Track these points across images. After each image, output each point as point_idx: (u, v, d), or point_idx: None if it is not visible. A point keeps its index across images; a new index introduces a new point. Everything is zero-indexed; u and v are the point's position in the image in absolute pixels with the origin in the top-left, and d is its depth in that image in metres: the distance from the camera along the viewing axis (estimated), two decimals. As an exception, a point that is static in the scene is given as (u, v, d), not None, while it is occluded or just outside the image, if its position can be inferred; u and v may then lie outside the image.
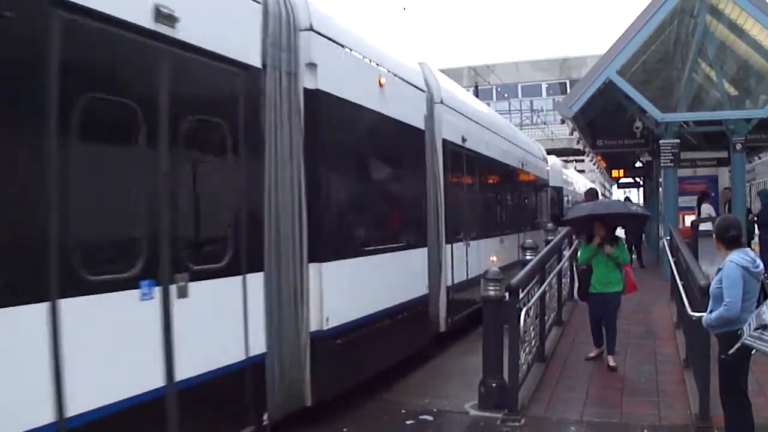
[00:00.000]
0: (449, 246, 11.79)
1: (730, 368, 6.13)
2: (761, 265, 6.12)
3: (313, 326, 7.32)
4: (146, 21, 5.21)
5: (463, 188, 13.54)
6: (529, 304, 8.74)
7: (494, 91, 50.13)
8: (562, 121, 20.55)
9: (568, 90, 38.27)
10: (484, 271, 9.01)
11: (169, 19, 5.39)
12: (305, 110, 7.23)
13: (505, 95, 49.13)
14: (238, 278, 6.31)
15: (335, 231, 8.06)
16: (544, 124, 45.66)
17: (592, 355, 10.18)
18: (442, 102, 11.93)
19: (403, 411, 8.43)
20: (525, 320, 8.25)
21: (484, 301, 8.51)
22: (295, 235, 7.09)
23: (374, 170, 9.75)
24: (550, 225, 17.51)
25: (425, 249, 10.79)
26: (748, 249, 6.33)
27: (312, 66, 7.40)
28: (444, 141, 11.85)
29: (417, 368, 10.36)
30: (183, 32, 5.55)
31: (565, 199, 32.89)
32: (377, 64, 9.34)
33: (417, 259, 10.51)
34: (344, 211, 8.44)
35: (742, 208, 17.04)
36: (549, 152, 29.83)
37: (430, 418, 8.23)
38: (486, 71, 43.81)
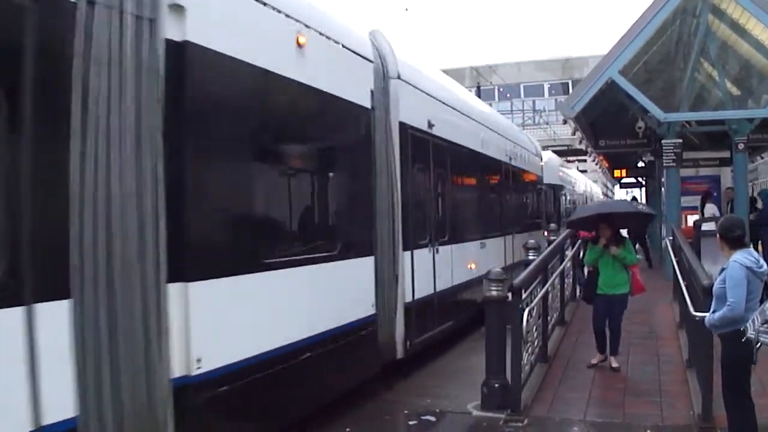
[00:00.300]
0: (409, 254, 9.85)
1: (732, 368, 6.12)
2: (765, 265, 6.11)
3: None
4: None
5: (431, 184, 11.46)
6: (532, 304, 8.73)
7: (496, 91, 50.07)
8: (565, 122, 20.51)
9: (571, 90, 38.22)
10: (466, 280, 9.05)
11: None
12: None
13: (508, 95, 49.07)
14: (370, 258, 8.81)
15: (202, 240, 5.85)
16: (547, 124, 45.61)
17: (593, 361, 9.84)
18: (399, 77, 9.79)
19: (405, 411, 8.45)
20: (528, 320, 8.23)
21: (486, 302, 8.49)
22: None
23: (282, 156, 7.48)
24: (552, 225, 17.52)
25: (371, 258, 8.78)
26: (752, 249, 6.32)
27: None
28: (403, 125, 9.74)
29: (420, 368, 10.36)
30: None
31: (563, 198, 30.79)
32: (296, 20, 7.13)
33: (357, 271, 8.46)
34: (222, 212, 6.16)
35: (745, 207, 17.01)
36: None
37: (432, 418, 8.23)
38: (488, 71, 43.75)
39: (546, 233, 20.53)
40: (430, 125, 11.06)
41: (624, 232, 10.85)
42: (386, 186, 9.16)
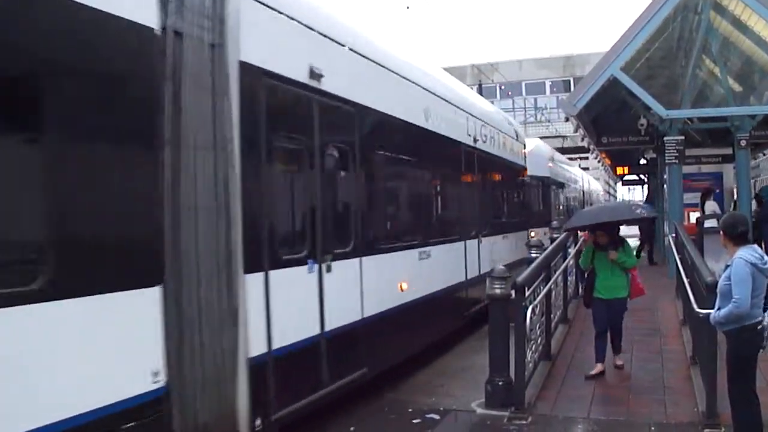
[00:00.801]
0: (258, 278, 6.27)
1: (738, 365, 6.11)
2: None
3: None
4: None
5: (317, 166, 7.52)
6: (535, 302, 8.73)
7: (498, 89, 50.05)
8: (567, 119, 20.49)
9: (572, 87, 38.28)
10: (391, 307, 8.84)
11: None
12: None
13: (509, 93, 49.02)
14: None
15: None
16: (548, 121, 45.60)
17: (592, 373, 9.27)
18: None
19: (409, 410, 8.43)
20: (531, 318, 8.24)
21: (490, 300, 8.49)
22: None
23: None
24: (554, 223, 17.47)
25: (155, 290, 5.10)
26: (756, 245, 6.31)
27: None
28: (247, 67, 6.11)
29: (423, 367, 10.35)
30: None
31: (554, 194, 26.58)
32: None
33: (114, 320, 4.79)
34: None
35: (748, 204, 17.00)
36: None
37: (436, 416, 8.21)
38: (489, 69, 43.70)
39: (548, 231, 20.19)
40: (314, 74, 7.39)
41: (623, 231, 10.35)
42: (210, 169, 5.64)
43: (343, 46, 8.29)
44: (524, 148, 19.83)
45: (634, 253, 9.89)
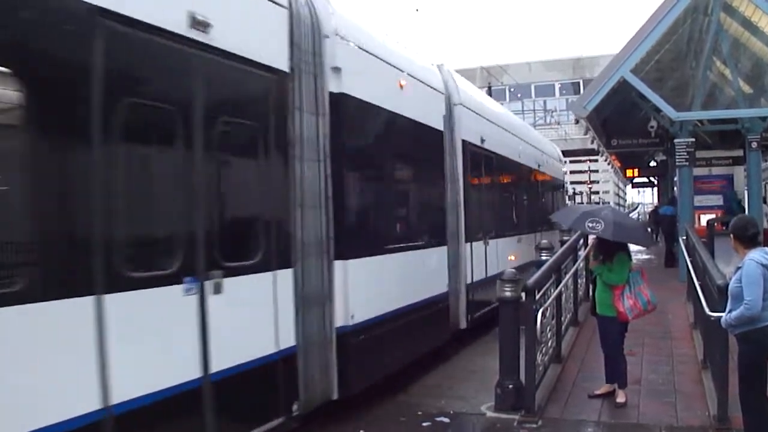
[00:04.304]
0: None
1: (749, 369, 6.08)
2: None
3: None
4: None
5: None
6: (546, 304, 8.68)
7: (507, 91, 50.04)
8: (576, 121, 20.50)
9: (582, 90, 38.22)
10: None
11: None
12: None
13: (518, 95, 49.01)
14: None
15: None
16: (558, 124, 45.56)
17: (597, 392, 8.62)
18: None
19: (419, 412, 8.43)
20: (541, 321, 8.20)
21: (500, 302, 8.47)
22: None
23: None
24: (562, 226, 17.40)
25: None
26: (767, 248, 6.26)
27: None
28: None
29: (433, 369, 10.36)
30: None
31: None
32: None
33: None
34: None
35: (759, 206, 16.93)
36: (563, 153, 29.07)
37: (446, 419, 8.22)
38: (499, 71, 43.73)
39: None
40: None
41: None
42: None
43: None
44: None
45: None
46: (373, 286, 8.64)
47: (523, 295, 8.18)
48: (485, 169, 13.71)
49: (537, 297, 8.34)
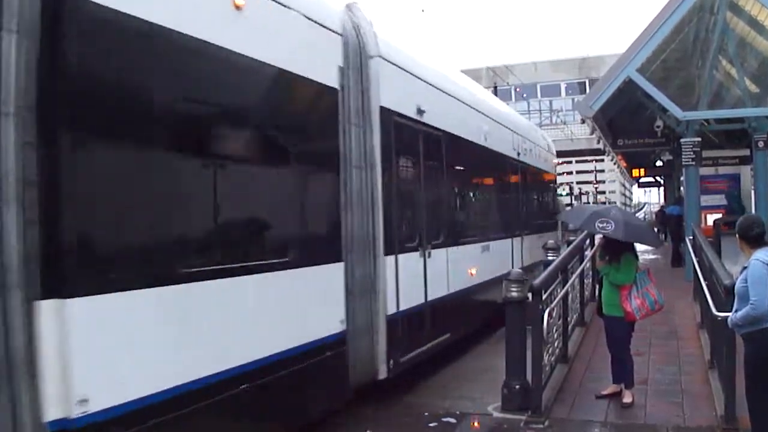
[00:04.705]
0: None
1: (756, 369, 6.06)
2: None
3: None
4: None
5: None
6: (552, 304, 8.68)
7: (513, 91, 50.01)
8: (582, 121, 20.48)
9: (587, 89, 38.17)
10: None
11: None
12: None
13: (524, 95, 48.99)
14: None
15: None
16: (564, 123, 45.51)
17: (604, 392, 8.62)
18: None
19: (425, 413, 8.41)
20: (548, 321, 8.19)
21: (506, 303, 8.47)
22: None
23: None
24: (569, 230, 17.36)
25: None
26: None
27: None
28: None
29: (439, 370, 10.35)
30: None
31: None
32: None
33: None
34: None
35: (766, 206, 16.89)
36: (569, 153, 28.98)
37: (452, 420, 8.20)
38: (505, 72, 43.77)
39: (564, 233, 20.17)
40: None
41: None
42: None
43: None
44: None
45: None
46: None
47: (529, 295, 8.17)
48: (427, 152, 10.03)
49: (543, 297, 8.33)
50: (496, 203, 14.91)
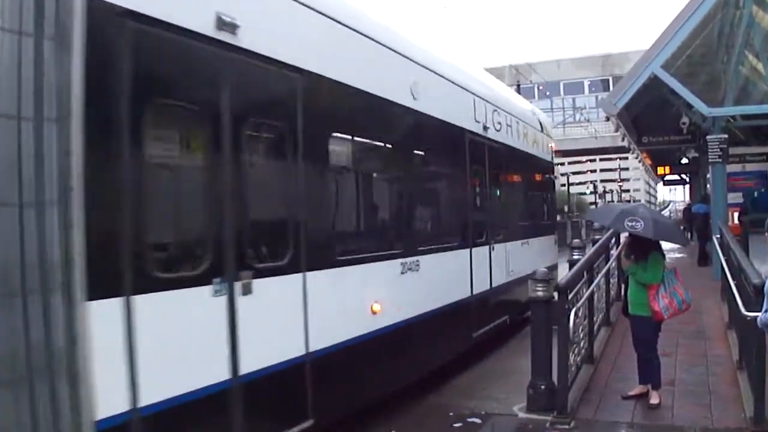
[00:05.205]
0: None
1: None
2: None
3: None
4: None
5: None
6: (578, 304, 8.58)
7: (536, 89, 49.82)
8: (607, 119, 20.35)
9: (611, 87, 37.96)
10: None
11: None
12: None
13: (547, 93, 48.77)
14: None
15: None
16: (588, 121, 45.26)
17: (631, 393, 8.50)
18: None
19: (450, 413, 8.38)
20: (574, 321, 8.11)
21: (532, 302, 8.42)
22: None
23: None
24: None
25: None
26: (804, 246, 6.14)
27: None
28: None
29: (464, 370, 10.32)
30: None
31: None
32: None
33: None
34: None
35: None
36: (593, 150, 28.77)
37: (478, 420, 8.16)
38: (528, 70, 43.55)
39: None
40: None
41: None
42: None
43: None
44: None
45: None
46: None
47: (555, 294, 8.11)
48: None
49: (569, 296, 8.27)
50: (434, 197, 10.59)
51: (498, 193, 12.83)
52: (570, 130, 45.96)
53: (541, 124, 16.13)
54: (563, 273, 10.73)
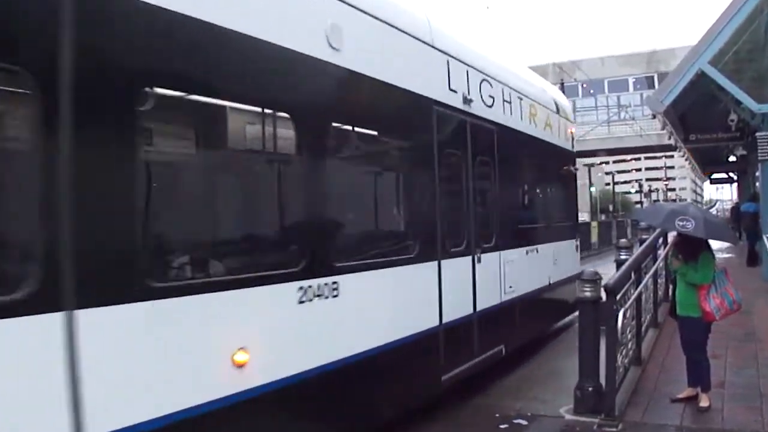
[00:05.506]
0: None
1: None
2: None
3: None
4: None
5: None
6: (627, 305, 8.49)
7: (580, 87, 49.40)
8: (653, 116, 20.09)
9: (656, 84, 37.55)
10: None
11: None
12: None
13: (591, 91, 48.34)
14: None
15: None
16: (633, 119, 44.73)
17: (680, 396, 8.34)
18: None
19: (496, 415, 8.35)
20: (622, 322, 8.03)
21: (579, 303, 8.34)
22: None
23: None
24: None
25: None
26: None
27: None
28: None
29: (511, 371, 10.27)
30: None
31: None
32: None
33: None
34: None
35: None
36: (638, 149, 28.43)
37: (524, 422, 8.12)
38: (571, 67, 43.23)
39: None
40: None
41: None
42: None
43: None
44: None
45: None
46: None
47: (603, 295, 8.03)
48: None
49: (618, 297, 8.16)
50: (368, 191, 7.96)
51: (489, 187, 10.09)
52: (614, 128, 45.46)
53: (557, 104, 13.63)
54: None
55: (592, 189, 70.31)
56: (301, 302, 5.76)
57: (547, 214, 12.89)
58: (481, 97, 9.57)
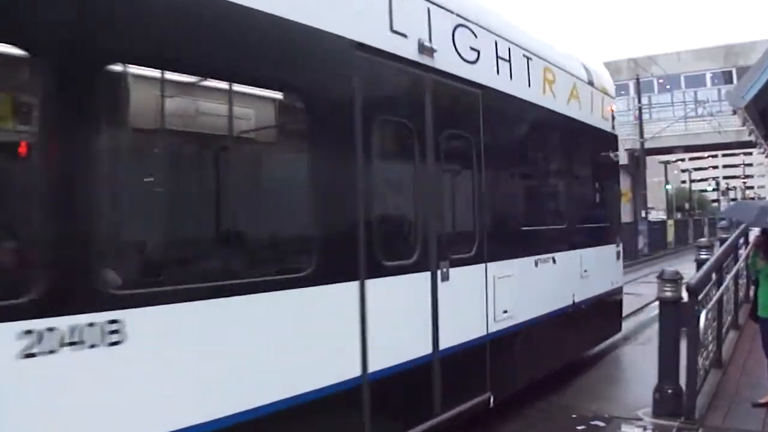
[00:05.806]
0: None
1: None
2: None
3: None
4: None
5: None
6: (708, 305, 8.30)
7: (656, 82, 48.44)
8: (733, 112, 19.58)
9: (734, 79, 36.59)
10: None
11: None
12: None
13: (667, 87, 47.36)
14: None
15: None
16: (711, 115, 43.65)
17: (762, 401, 8.00)
18: None
19: (573, 416, 8.28)
20: (704, 323, 7.84)
21: (660, 302, 8.18)
22: None
23: None
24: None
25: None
26: None
27: None
28: None
29: (587, 372, 10.18)
30: None
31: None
32: None
33: None
34: None
35: None
36: (716, 146, 27.74)
37: (601, 423, 8.02)
38: (647, 62, 42.39)
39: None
40: None
41: None
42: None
43: None
44: None
45: None
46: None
47: (684, 295, 7.87)
48: None
49: (699, 297, 7.99)
50: (220, 176, 4.96)
51: (468, 173, 7.39)
52: (691, 124, 44.46)
53: (589, 73, 10.61)
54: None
55: (668, 187, 68.97)
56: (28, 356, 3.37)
57: (572, 212, 10.02)
58: (456, 48, 7.04)
